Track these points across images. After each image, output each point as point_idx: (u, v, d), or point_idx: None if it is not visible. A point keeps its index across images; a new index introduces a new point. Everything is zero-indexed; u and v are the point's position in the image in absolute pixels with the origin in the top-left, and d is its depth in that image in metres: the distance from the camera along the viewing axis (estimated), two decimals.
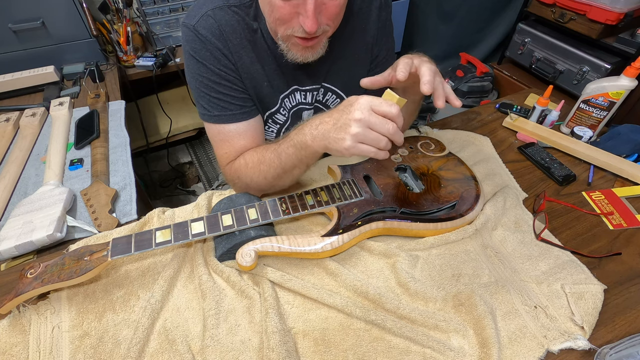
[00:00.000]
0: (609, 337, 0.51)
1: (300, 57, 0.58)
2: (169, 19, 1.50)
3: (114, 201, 0.74)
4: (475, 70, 1.74)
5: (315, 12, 0.50)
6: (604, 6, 1.30)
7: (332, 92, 0.74)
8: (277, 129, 0.75)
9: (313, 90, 0.71)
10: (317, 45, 0.57)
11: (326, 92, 0.73)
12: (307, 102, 0.73)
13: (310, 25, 0.50)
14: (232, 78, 0.62)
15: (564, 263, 0.59)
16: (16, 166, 0.83)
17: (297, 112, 0.74)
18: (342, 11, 0.56)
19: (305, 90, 0.71)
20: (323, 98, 0.74)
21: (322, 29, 0.54)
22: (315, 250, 0.55)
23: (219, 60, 0.60)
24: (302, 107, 0.74)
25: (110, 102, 1.07)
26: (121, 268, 0.57)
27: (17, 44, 1.24)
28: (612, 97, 0.79)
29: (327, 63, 0.68)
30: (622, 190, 0.73)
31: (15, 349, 0.48)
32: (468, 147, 0.82)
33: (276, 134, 0.76)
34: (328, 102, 0.75)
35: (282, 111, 0.72)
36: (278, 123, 0.74)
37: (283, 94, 0.70)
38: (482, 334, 0.49)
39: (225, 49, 0.60)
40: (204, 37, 0.59)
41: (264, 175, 0.61)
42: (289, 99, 0.71)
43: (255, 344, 0.49)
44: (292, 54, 0.58)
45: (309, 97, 0.72)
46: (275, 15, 0.52)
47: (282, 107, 0.71)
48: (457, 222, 0.61)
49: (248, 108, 0.65)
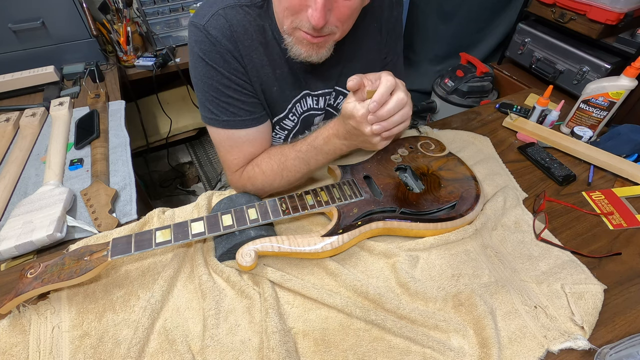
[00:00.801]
0: (609, 337, 0.51)
1: (304, 54, 0.56)
2: (169, 19, 1.50)
3: (114, 201, 0.74)
4: (475, 70, 1.74)
5: (325, 8, 0.48)
6: (604, 6, 1.30)
7: (344, 96, 0.71)
8: (284, 135, 0.72)
9: (325, 94, 0.69)
10: (322, 45, 0.55)
11: (338, 95, 0.71)
12: (319, 107, 0.71)
13: (317, 18, 0.48)
14: (242, 82, 0.60)
15: (564, 263, 0.59)
16: (16, 166, 0.83)
17: (307, 117, 0.72)
18: (354, 16, 0.54)
19: (318, 95, 0.69)
20: (334, 102, 0.72)
21: (330, 29, 0.52)
22: (315, 250, 0.55)
23: (230, 64, 0.57)
24: (314, 113, 0.72)
25: (110, 102, 1.07)
26: (121, 268, 0.57)
27: (17, 44, 1.24)
28: (612, 97, 0.79)
29: (339, 66, 0.66)
30: (622, 190, 0.73)
31: (15, 349, 0.48)
32: (468, 147, 0.82)
33: (284, 140, 0.73)
34: (339, 105, 0.72)
35: (291, 116, 0.69)
36: (286, 129, 0.71)
37: (294, 99, 0.67)
38: (482, 334, 0.49)
39: (235, 51, 0.57)
40: (214, 38, 0.55)
41: (287, 180, 0.63)
42: (300, 104, 0.69)
43: (255, 344, 0.49)
44: (296, 50, 0.56)
45: (321, 102, 0.70)
46: (285, 4, 0.51)
47: (291, 113, 0.69)
48: (457, 222, 0.61)
49: (258, 114, 0.63)
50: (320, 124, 0.75)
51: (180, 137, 1.84)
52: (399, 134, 0.70)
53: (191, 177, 1.85)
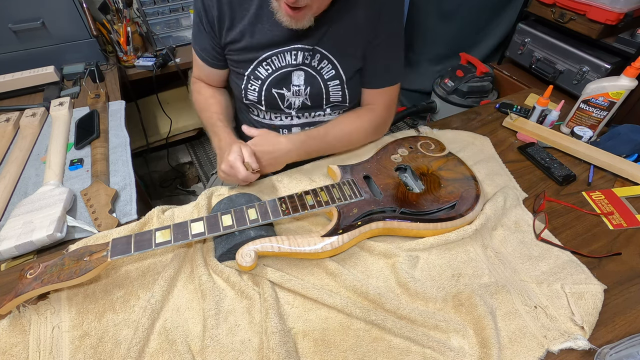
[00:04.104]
0: (609, 337, 0.51)
1: (285, 22, 0.62)
2: (169, 19, 1.51)
3: (114, 201, 0.74)
4: (475, 71, 1.74)
5: None
6: (604, 6, 1.30)
7: (326, 59, 0.72)
8: (258, 85, 0.74)
9: (304, 50, 0.70)
10: (300, 17, 0.60)
11: (315, 54, 0.71)
12: (296, 62, 0.71)
13: None
14: (210, 29, 0.71)
15: (564, 263, 0.59)
16: (16, 166, 0.83)
17: (285, 73, 0.73)
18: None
19: (297, 50, 0.70)
20: (310, 61, 0.72)
21: (305, 1, 0.56)
22: (315, 250, 0.55)
23: (208, 6, 0.68)
24: (290, 70, 0.72)
25: (110, 102, 1.07)
26: (121, 268, 0.57)
27: (17, 44, 1.24)
28: (612, 97, 0.79)
29: (325, 27, 0.67)
30: (622, 190, 0.73)
31: (15, 349, 0.48)
32: (468, 147, 0.82)
33: (258, 92, 0.75)
34: (322, 70, 0.73)
35: (265, 65, 0.72)
36: (260, 78, 0.74)
37: (272, 50, 0.71)
38: (482, 334, 0.49)
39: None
40: None
41: (199, 114, 0.82)
42: (278, 57, 0.71)
43: (255, 345, 0.49)
44: (280, 15, 0.62)
45: (300, 57, 0.71)
46: None
47: (265, 62, 0.72)
48: (457, 222, 0.61)
49: (212, 59, 0.77)
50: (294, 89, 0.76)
51: (180, 137, 1.84)
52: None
53: (191, 177, 1.85)
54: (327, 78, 0.73)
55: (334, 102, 0.77)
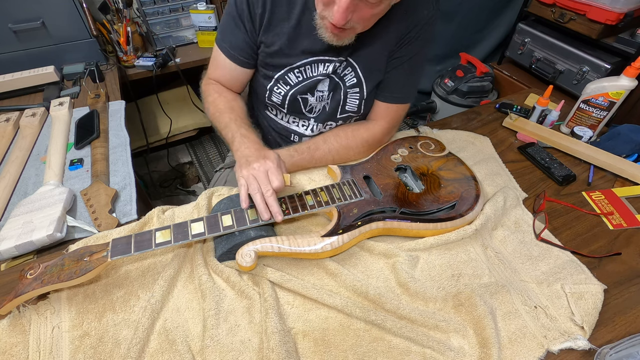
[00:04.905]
0: (609, 337, 0.51)
1: (327, 38, 0.62)
2: (169, 19, 1.51)
3: (114, 201, 0.74)
4: (475, 70, 1.74)
5: (347, 10, 0.53)
6: (604, 6, 1.30)
7: (351, 67, 0.71)
8: (285, 91, 0.74)
9: (336, 62, 0.70)
10: (343, 35, 0.60)
11: (347, 66, 0.71)
12: (326, 72, 0.71)
13: (338, 19, 0.54)
14: (251, 25, 0.68)
15: (564, 263, 0.59)
16: (16, 166, 0.83)
17: (312, 82, 0.73)
18: (376, 18, 0.59)
19: (331, 62, 0.70)
20: (342, 72, 0.72)
21: (351, 24, 0.57)
22: (315, 250, 0.55)
23: (250, 4, 0.66)
24: (319, 78, 0.72)
25: (110, 102, 1.07)
26: (121, 268, 0.57)
27: (17, 44, 1.24)
28: (612, 97, 0.79)
29: (358, 39, 0.66)
30: (622, 190, 0.73)
31: (15, 349, 0.48)
32: (468, 147, 0.82)
33: (283, 97, 0.75)
34: (345, 77, 0.73)
35: (296, 72, 0.72)
36: (289, 84, 0.73)
37: (306, 60, 0.70)
38: (482, 334, 0.49)
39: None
40: None
41: (211, 119, 0.76)
42: (311, 67, 0.71)
43: (255, 345, 0.49)
44: (322, 32, 0.62)
45: (330, 68, 0.71)
46: None
47: (298, 70, 0.72)
48: (457, 222, 0.61)
49: (243, 57, 0.73)
50: (315, 98, 0.76)
51: (180, 137, 1.84)
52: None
53: (191, 177, 1.85)
54: (349, 85, 0.73)
55: (348, 112, 0.77)
